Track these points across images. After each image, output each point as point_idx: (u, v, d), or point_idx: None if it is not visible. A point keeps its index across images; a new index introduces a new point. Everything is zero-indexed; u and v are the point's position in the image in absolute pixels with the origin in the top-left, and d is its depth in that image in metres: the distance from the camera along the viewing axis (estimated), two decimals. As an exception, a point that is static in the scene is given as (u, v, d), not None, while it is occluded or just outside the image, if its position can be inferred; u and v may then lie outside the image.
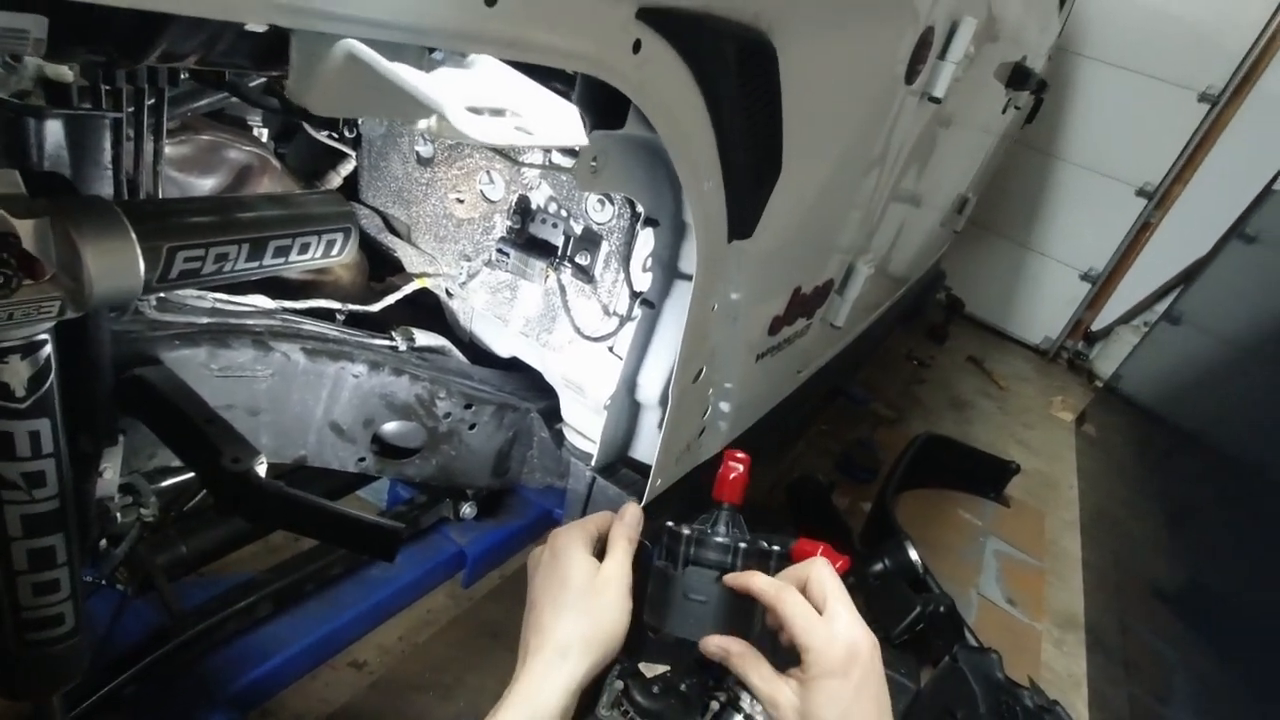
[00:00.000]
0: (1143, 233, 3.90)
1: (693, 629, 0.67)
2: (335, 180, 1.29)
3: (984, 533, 2.67)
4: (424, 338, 1.19)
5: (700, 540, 0.69)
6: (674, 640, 0.68)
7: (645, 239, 1.05)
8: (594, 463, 1.18)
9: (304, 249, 0.75)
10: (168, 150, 0.80)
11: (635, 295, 1.07)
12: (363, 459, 1.12)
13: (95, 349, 0.70)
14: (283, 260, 0.73)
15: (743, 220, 0.96)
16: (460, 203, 1.22)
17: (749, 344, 1.28)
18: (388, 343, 1.13)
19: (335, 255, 0.79)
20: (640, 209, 1.01)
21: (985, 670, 1.59)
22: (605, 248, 1.09)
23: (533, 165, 1.08)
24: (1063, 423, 3.69)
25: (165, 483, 0.93)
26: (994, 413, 3.59)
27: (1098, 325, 4.20)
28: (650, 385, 1.12)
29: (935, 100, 1.40)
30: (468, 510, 1.40)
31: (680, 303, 1.03)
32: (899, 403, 3.33)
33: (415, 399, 1.13)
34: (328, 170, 1.29)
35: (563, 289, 1.15)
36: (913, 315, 3.49)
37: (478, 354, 1.33)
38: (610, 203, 1.06)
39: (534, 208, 1.14)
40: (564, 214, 1.11)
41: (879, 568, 1.92)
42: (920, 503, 2.62)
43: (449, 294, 1.32)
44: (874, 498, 2.45)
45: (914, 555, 1.92)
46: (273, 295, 1.02)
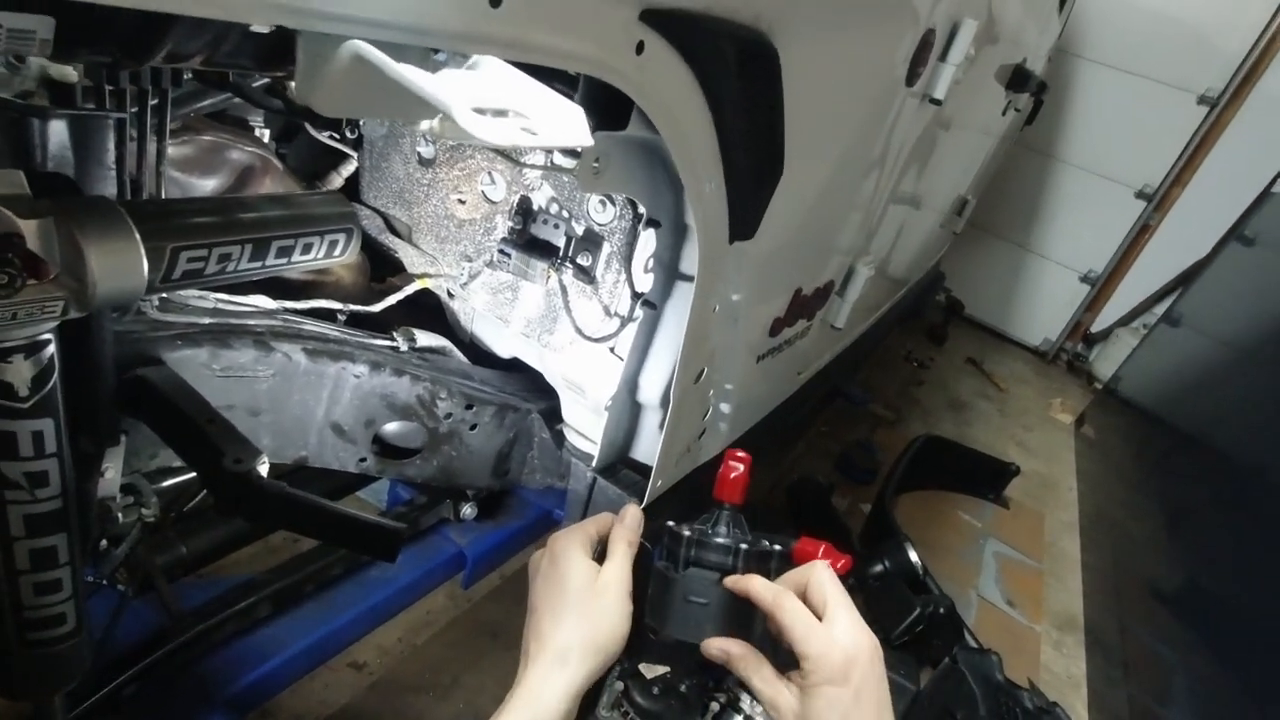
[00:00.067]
0: (1142, 235, 3.91)
1: (693, 631, 0.67)
2: (337, 181, 1.30)
3: (983, 534, 2.68)
4: (425, 338, 1.20)
5: (701, 542, 0.68)
6: (674, 641, 0.68)
7: (647, 240, 1.05)
8: (595, 464, 1.19)
9: (306, 249, 0.75)
10: (169, 151, 0.80)
11: (636, 296, 1.07)
12: (363, 459, 1.12)
13: (98, 349, 0.70)
14: (285, 261, 0.73)
15: (744, 221, 0.96)
16: (461, 203, 1.22)
17: (750, 345, 1.28)
18: (389, 343, 1.13)
19: (338, 256, 0.79)
20: (642, 210, 1.01)
21: (985, 671, 1.59)
22: (607, 249, 1.09)
23: (535, 166, 1.08)
24: (1062, 424, 3.70)
25: (166, 483, 0.94)
26: (993, 414, 3.59)
27: (1097, 327, 4.20)
28: (651, 386, 1.12)
29: (936, 102, 1.40)
30: (468, 511, 1.40)
31: (681, 304, 1.02)
32: (898, 404, 3.34)
33: (416, 399, 1.13)
34: (329, 171, 1.29)
35: (564, 290, 1.15)
36: (912, 316, 3.49)
37: (478, 355, 1.33)
38: (612, 204, 1.06)
39: (535, 208, 1.14)
40: (565, 215, 1.12)
41: (878, 569, 1.93)
42: (919, 504, 2.63)
43: (450, 295, 1.32)
44: (873, 499, 2.45)
45: (913, 556, 1.93)
46: (274, 295, 1.02)
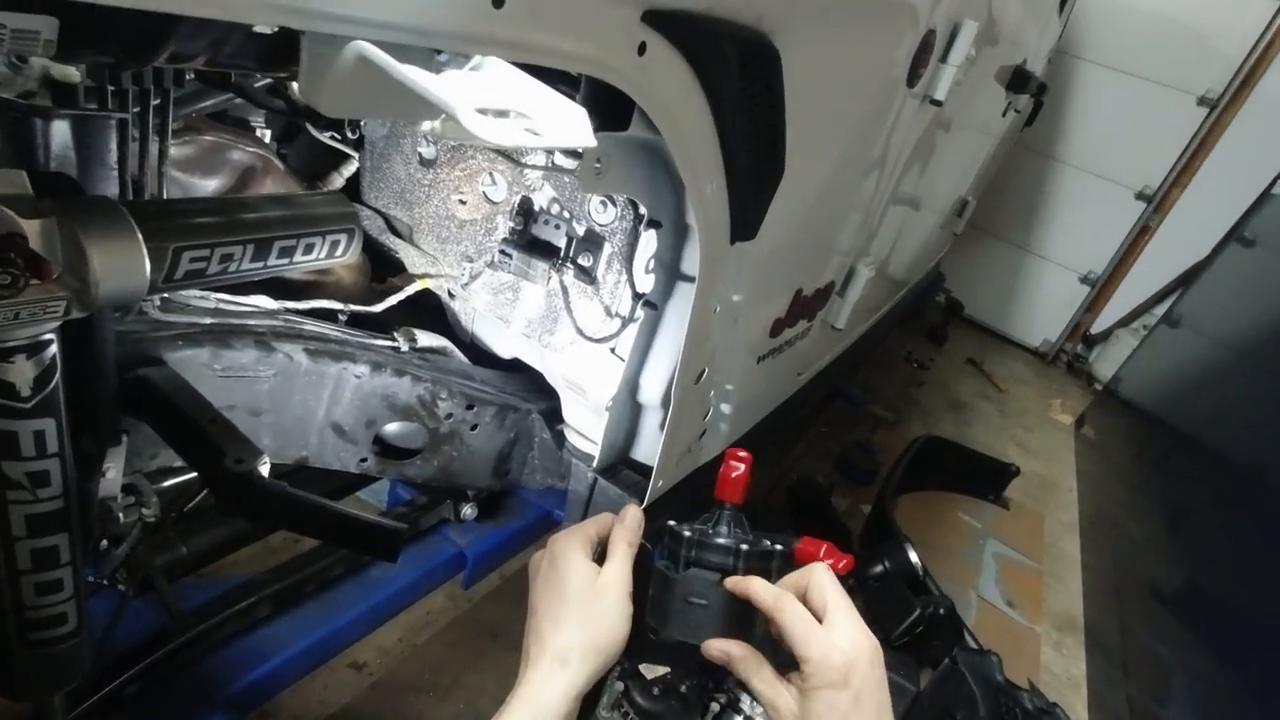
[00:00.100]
0: (1142, 236, 3.91)
1: (693, 632, 0.67)
2: (338, 181, 1.30)
3: (983, 535, 2.68)
4: (426, 339, 1.20)
5: (702, 542, 0.68)
6: (675, 642, 0.68)
7: (648, 240, 1.05)
8: (595, 464, 1.19)
9: (308, 250, 0.75)
10: (171, 151, 0.80)
11: (637, 297, 1.07)
12: (364, 460, 1.12)
13: (99, 349, 0.71)
14: (287, 261, 0.73)
15: (745, 222, 0.96)
16: (462, 204, 1.22)
17: (750, 346, 1.28)
18: (390, 344, 1.13)
19: (339, 256, 0.79)
20: (643, 210, 1.02)
21: (985, 672, 1.60)
22: (608, 249, 1.09)
23: (536, 167, 1.08)
24: (1062, 425, 3.70)
25: (167, 483, 0.94)
26: (993, 415, 3.59)
27: (1097, 328, 4.20)
28: (652, 386, 1.12)
29: (936, 103, 1.40)
30: (468, 511, 1.40)
31: (682, 304, 1.03)
32: (898, 404, 3.34)
33: (417, 400, 1.13)
34: (330, 171, 1.29)
35: (565, 290, 1.15)
36: (912, 317, 3.49)
37: (479, 355, 1.33)
38: (613, 204, 1.06)
39: (536, 209, 1.14)
40: (566, 215, 1.12)
41: (878, 569, 1.92)
42: (919, 505, 2.63)
43: (451, 295, 1.32)
44: (873, 499, 2.45)
45: (913, 557, 1.92)
46: (275, 296, 1.02)
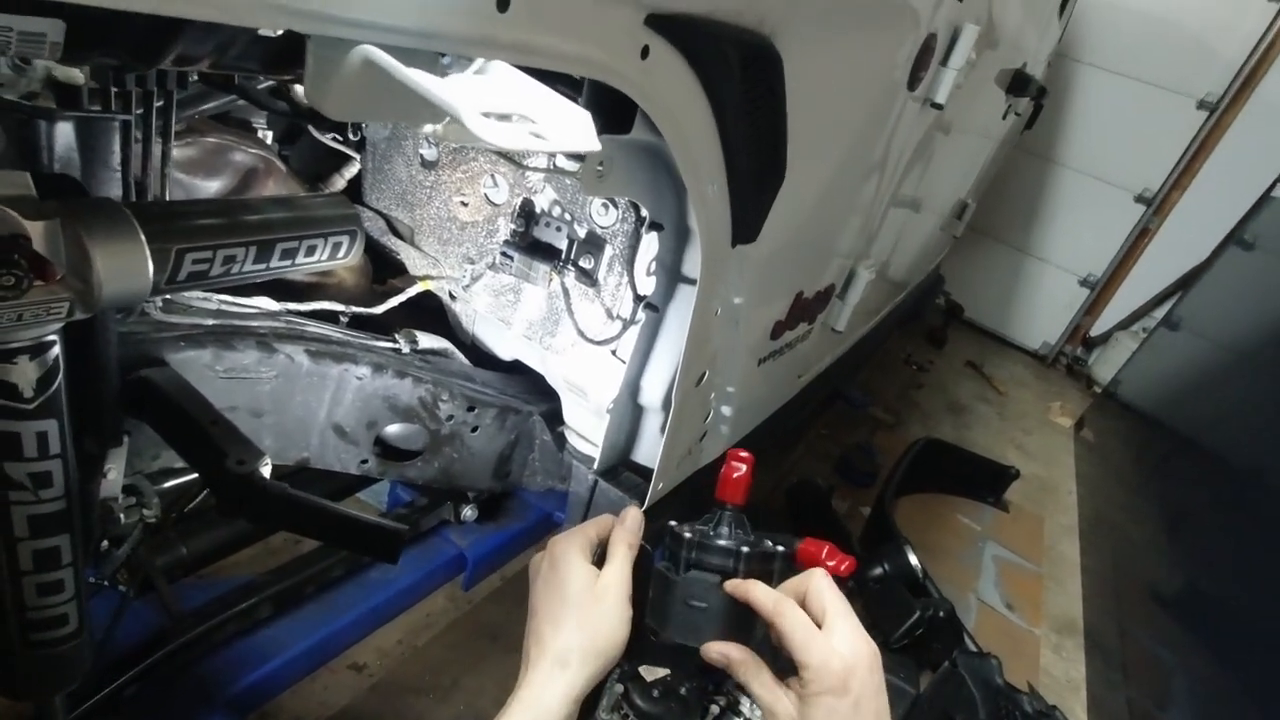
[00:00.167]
0: (1141, 239, 3.91)
1: (693, 634, 0.66)
2: (339, 183, 1.30)
3: (983, 537, 2.68)
4: (427, 340, 1.20)
5: (702, 544, 0.68)
6: (674, 644, 0.68)
7: (649, 243, 1.05)
8: (596, 466, 1.19)
9: (310, 251, 0.75)
10: (174, 153, 0.80)
11: (639, 299, 1.07)
12: (365, 461, 1.12)
13: (102, 350, 0.71)
14: (289, 262, 0.73)
15: (746, 225, 0.96)
16: (464, 206, 1.22)
17: (751, 348, 1.28)
18: (391, 345, 1.13)
19: (341, 258, 0.79)
20: (644, 213, 1.02)
21: (984, 675, 1.60)
22: (609, 251, 1.09)
23: (538, 169, 1.08)
24: (1061, 428, 3.70)
25: (167, 484, 0.94)
26: (992, 418, 3.59)
27: (1096, 331, 4.21)
28: (653, 389, 1.12)
29: (937, 106, 1.40)
30: (468, 513, 1.40)
31: (683, 307, 1.03)
32: (898, 407, 3.34)
33: (418, 401, 1.13)
34: (332, 173, 1.29)
35: (566, 292, 1.15)
36: (912, 320, 3.49)
37: (480, 357, 1.33)
38: (614, 206, 1.06)
39: (538, 211, 1.14)
40: (568, 217, 1.12)
41: (878, 572, 1.93)
42: (919, 507, 2.63)
43: (452, 297, 1.33)
44: (873, 502, 2.45)
45: (913, 560, 1.93)
46: (277, 297, 1.02)
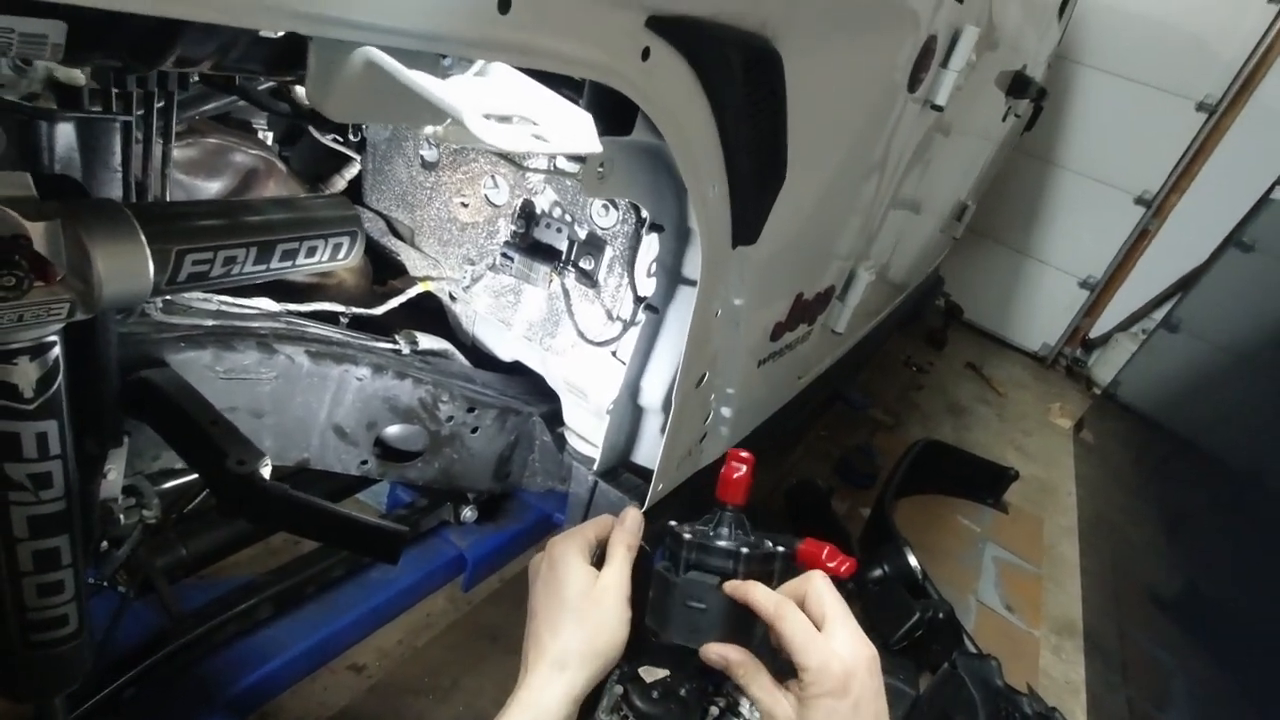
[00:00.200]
0: (1141, 240, 3.91)
1: (693, 636, 0.66)
2: (340, 184, 1.30)
3: (982, 539, 2.68)
4: (427, 341, 1.20)
5: (702, 545, 0.68)
6: (674, 645, 0.68)
7: (649, 244, 1.05)
8: (596, 467, 1.19)
9: (311, 252, 0.75)
10: (174, 154, 0.80)
11: (639, 300, 1.07)
12: (365, 462, 1.12)
13: (102, 351, 0.71)
14: (290, 263, 0.73)
15: (747, 226, 0.96)
16: (464, 207, 1.22)
17: (751, 349, 1.28)
18: (391, 346, 1.13)
19: (341, 259, 0.79)
20: (645, 214, 1.02)
21: (984, 676, 1.59)
22: (609, 252, 1.10)
23: (539, 170, 1.08)
24: (1061, 429, 3.70)
25: (168, 485, 0.93)
26: (992, 419, 3.59)
27: (1096, 332, 4.21)
28: (653, 390, 1.12)
29: (937, 108, 1.40)
30: (468, 514, 1.40)
31: (684, 308, 1.03)
32: (897, 408, 3.34)
33: (418, 402, 1.13)
34: (332, 174, 1.29)
35: (566, 293, 1.15)
36: (911, 321, 3.49)
37: (480, 358, 1.33)
38: (615, 208, 1.06)
39: (538, 212, 1.14)
40: (568, 219, 1.12)
41: (878, 573, 1.92)
42: (919, 508, 2.63)
43: (452, 298, 1.33)
44: (873, 503, 2.45)
45: (913, 561, 1.93)
46: (277, 298, 1.02)
